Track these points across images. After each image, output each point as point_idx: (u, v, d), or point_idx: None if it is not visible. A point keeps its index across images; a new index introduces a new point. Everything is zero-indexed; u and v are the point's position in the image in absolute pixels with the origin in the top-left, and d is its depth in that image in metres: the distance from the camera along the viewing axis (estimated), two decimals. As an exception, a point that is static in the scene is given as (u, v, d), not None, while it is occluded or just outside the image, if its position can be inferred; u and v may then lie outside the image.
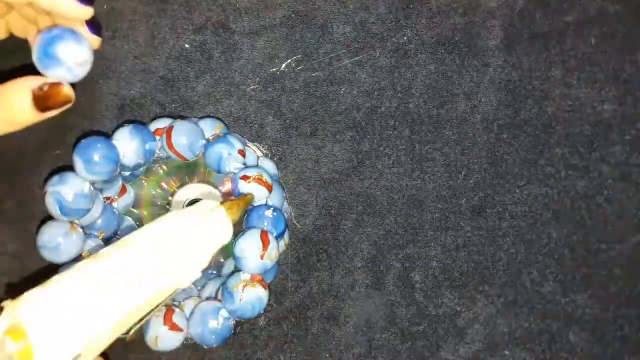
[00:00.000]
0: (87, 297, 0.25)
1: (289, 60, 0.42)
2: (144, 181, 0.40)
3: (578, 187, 0.42)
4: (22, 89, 0.27)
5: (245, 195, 0.36)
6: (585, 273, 0.42)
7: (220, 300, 0.37)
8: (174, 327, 0.37)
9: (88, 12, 0.29)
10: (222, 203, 0.32)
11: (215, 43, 0.42)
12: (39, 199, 0.40)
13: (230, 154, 0.37)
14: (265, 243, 0.36)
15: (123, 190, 0.39)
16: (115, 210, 0.39)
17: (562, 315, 0.42)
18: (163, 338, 0.37)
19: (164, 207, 0.40)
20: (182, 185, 0.40)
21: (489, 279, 0.42)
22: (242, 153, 0.38)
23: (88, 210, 0.36)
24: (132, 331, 0.29)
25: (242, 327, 0.41)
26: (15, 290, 0.38)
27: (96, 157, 0.35)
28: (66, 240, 0.36)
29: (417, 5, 0.43)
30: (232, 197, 0.36)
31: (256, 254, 0.36)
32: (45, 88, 0.27)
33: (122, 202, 0.39)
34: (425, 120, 0.42)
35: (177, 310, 0.37)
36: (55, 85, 0.28)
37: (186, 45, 0.42)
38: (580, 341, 0.42)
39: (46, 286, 0.25)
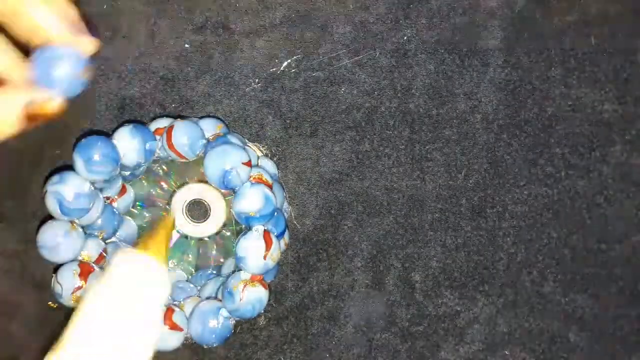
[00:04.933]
0: None
1: (289, 60, 0.42)
2: (144, 181, 0.40)
3: (578, 187, 0.42)
4: (13, 102, 0.27)
5: (164, 218, 0.31)
6: (585, 273, 0.42)
7: (220, 300, 0.37)
8: (174, 327, 0.37)
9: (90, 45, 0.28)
10: (141, 245, 0.27)
11: (215, 43, 0.42)
12: (39, 198, 0.40)
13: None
14: (268, 243, 0.36)
15: (123, 190, 0.39)
16: (115, 210, 0.39)
17: (562, 315, 0.42)
18: (163, 338, 0.36)
19: (164, 207, 0.40)
20: (182, 185, 0.40)
21: (489, 279, 0.42)
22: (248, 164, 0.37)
23: (88, 210, 0.36)
24: None
25: (242, 327, 0.41)
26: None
27: (96, 157, 0.35)
28: (66, 240, 0.36)
29: (417, 5, 0.43)
30: (150, 233, 0.29)
31: (259, 254, 0.36)
32: (37, 104, 0.27)
33: (122, 202, 0.39)
34: (425, 120, 0.42)
35: (177, 309, 0.37)
36: (48, 101, 0.27)
37: (186, 45, 0.42)
38: (580, 341, 0.42)
39: None
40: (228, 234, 0.41)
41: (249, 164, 0.36)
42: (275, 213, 0.37)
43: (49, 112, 0.27)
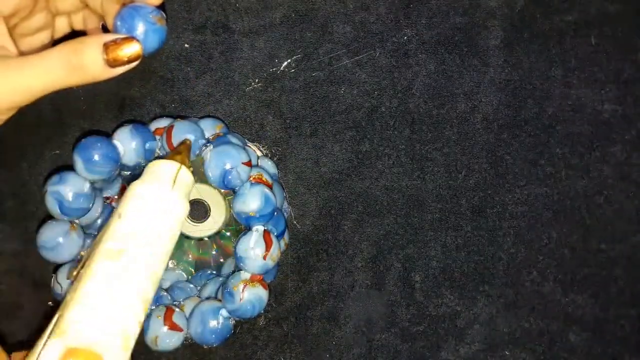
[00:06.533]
0: (121, 295, 0.26)
1: (289, 60, 0.42)
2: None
3: (578, 187, 0.42)
4: (96, 40, 0.29)
5: (184, 141, 0.36)
6: (585, 273, 0.42)
7: (220, 300, 0.37)
8: (174, 327, 0.37)
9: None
10: (171, 158, 0.32)
11: (215, 43, 0.42)
12: (39, 198, 0.40)
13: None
14: (268, 243, 0.36)
15: (123, 190, 0.39)
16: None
17: (562, 315, 0.42)
18: (163, 338, 0.37)
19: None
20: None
21: (489, 279, 0.42)
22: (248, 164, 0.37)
23: (88, 210, 0.36)
24: None
25: (242, 327, 0.41)
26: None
27: (96, 157, 0.35)
28: (66, 240, 0.36)
29: (417, 5, 0.43)
30: (174, 150, 0.35)
31: (259, 254, 0.36)
32: (118, 40, 0.29)
33: (122, 202, 0.39)
34: (425, 120, 0.42)
35: (177, 310, 0.37)
36: (128, 38, 0.29)
37: (186, 45, 0.42)
38: (580, 341, 0.42)
39: (81, 301, 0.25)
40: (228, 234, 0.41)
41: (249, 164, 0.36)
42: (275, 213, 0.37)
43: (130, 48, 0.29)
